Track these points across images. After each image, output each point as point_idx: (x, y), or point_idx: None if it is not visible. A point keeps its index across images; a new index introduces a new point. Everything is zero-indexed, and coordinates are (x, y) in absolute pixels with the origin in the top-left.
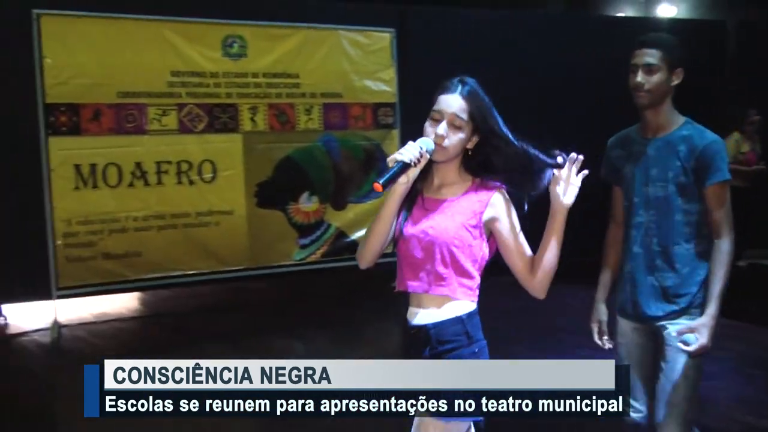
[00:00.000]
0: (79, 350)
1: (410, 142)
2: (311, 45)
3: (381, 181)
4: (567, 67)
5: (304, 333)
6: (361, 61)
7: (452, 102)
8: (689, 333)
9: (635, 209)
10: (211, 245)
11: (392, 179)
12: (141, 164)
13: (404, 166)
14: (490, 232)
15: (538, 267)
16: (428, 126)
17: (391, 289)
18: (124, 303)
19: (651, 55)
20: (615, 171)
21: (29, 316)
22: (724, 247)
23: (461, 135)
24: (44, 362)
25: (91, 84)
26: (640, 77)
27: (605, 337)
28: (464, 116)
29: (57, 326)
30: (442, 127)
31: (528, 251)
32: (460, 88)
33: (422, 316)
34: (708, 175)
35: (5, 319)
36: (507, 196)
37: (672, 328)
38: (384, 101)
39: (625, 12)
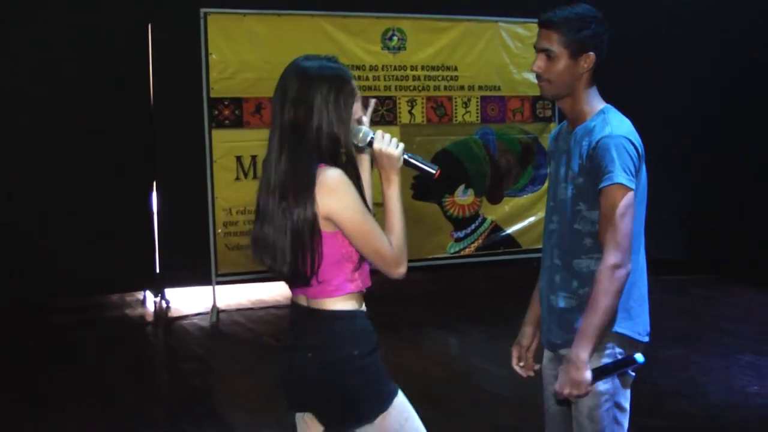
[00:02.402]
0: (236, 334)
1: (381, 131)
2: (470, 37)
3: (438, 168)
4: None
5: (458, 327)
6: (520, 54)
7: None
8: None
9: (547, 214)
10: None
11: None
12: None
13: None
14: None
15: None
16: (359, 108)
17: None
18: (280, 290)
19: (548, 39)
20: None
21: (190, 301)
22: (604, 270)
23: None
24: (204, 345)
25: (254, 79)
26: (536, 65)
27: (522, 364)
28: None
29: (216, 311)
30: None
31: None
32: None
33: None
34: (597, 177)
35: (168, 303)
36: None
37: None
38: None
39: None
